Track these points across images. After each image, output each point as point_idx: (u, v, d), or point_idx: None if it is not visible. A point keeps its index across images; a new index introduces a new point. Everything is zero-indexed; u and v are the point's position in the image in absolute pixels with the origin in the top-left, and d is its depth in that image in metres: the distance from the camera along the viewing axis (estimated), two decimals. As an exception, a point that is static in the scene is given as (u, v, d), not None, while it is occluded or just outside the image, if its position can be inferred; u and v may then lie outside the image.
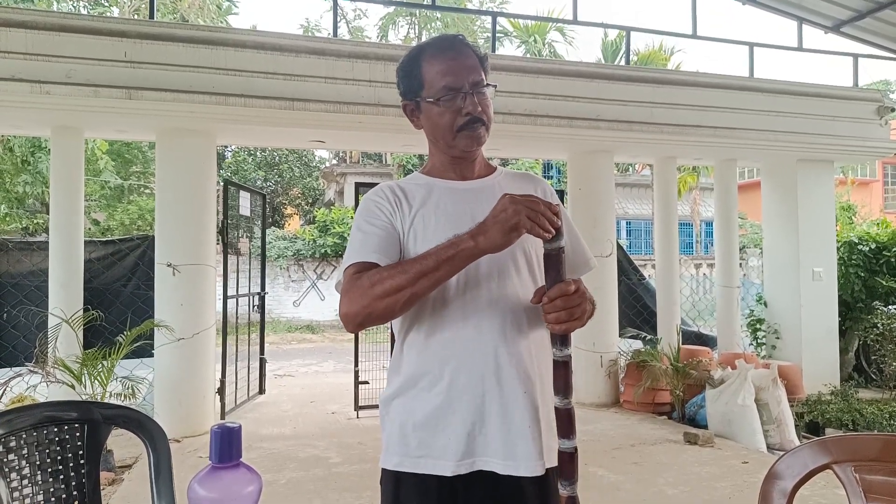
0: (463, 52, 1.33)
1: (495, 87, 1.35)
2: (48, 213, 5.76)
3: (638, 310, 7.13)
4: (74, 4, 12.02)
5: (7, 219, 11.80)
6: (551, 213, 1.11)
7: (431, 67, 1.32)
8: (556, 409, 1.16)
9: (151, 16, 5.42)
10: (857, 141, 6.64)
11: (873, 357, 7.42)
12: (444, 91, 1.30)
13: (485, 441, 1.23)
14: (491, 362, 1.24)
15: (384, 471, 1.30)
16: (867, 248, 7.36)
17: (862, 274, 7.27)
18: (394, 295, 1.15)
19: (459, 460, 1.22)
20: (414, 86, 1.34)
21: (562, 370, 1.16)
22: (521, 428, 1.23)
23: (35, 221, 12.15)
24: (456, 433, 1.22)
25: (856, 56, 7.28)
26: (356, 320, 1.20)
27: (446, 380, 1.24)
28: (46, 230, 6.68)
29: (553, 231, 1.10)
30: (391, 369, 1.34)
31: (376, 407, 1.40)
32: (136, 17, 11.89)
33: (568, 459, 1.14)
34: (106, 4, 12.88)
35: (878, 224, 8.44)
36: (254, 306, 6.68)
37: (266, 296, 6.99)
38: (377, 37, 19.27)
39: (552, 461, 1.26)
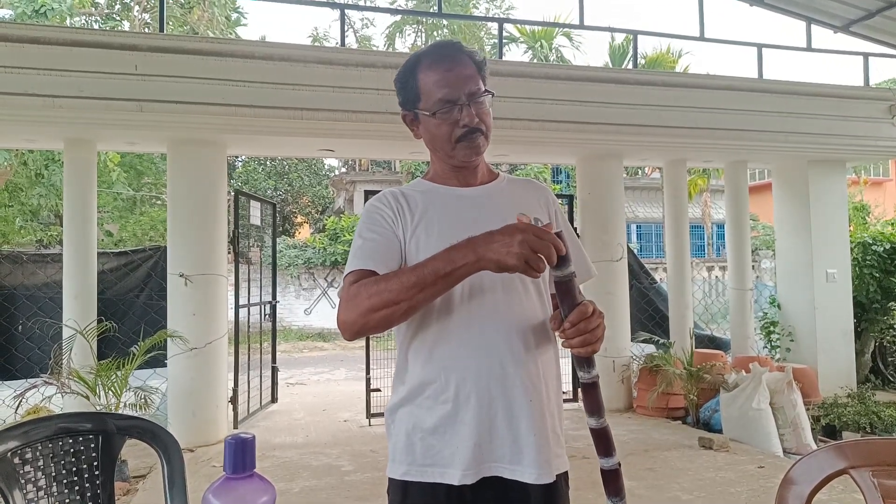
0: (459, 62, 1.30)
1: (493, 94, 1.33)
2: (62, 226, 5.82)
3: (650, 314, 7.09)
4: (86, 20, 12.18)
5: (22, 231, 11.94)
6: (555, 248, 1.04)
7: (427, 79, 1.30)
8: (591, 430, 1.16)
9: (161, 29, 5.48)
10: (868, 140, 6.59)
11: (890, 359, 7.33)
12: (441, 104, 1.28)
13: (491, 448, 1.23)
14: (497, 371, 1.23)
15: (391, 480, 1.29)
16: (881, 249, 7.27)
17: (877, 275, 7.19)
18: (391, 307, 1.14)
19: (467, 469, 1.22)
20: (411, 97, 1.33)
21: (591, 392, 1.15)
22: (527, 435, 1.24)
23: (49, 234, 12.29)
24: (464, 442, 1.22)
25: (866, 55, 7.22)
26: (353, 329, 1.18)
27: (453, 388, 1.23)
28: (60, 242, 6.76)
29: (542, 271, 1.07)
30: (396, 379, 1.34)
31: (387, 415, 1.40)
32: (146, 30, 12.03)
33: (613, 477, 1.15)
34: (117, 19, 13.05)
35: (892, 224, 8.36)
36: (265, 315, 6.71)
37: (277, 304, 7.02)
38: (384, 45, 19.36)
39: (560, 468, 1.28)
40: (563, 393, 5.59)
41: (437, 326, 1.25)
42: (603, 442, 1.15)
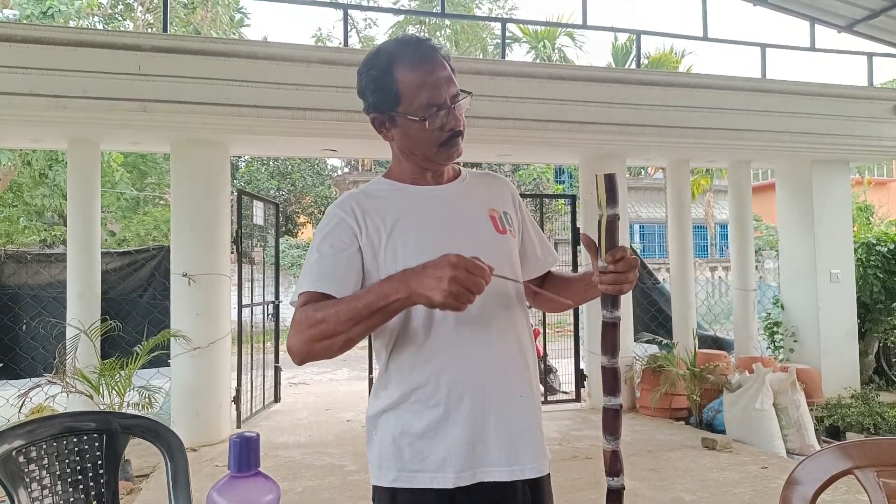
0: (438, 63, 1.26)
1: (471, 94, 1.30)
2: (65, 225, 5.84)
3: (653, 314, 7.08)
4: (90, 21, 12.21)
5: (26, 231, 11.98)
6: (483, 280, 1.06)
7: (409, 81, 1.24)
8: (603, 367, 1.17)
9: (165, 29, 5.50)
10: (872, 140, 6.57)
11: (894, 359, 7.30)
12: (427, 108, 1.23)
13: (486, 450, 1.22)
14: (488, 369, 1.23)
15: (377, 488, 1.26)
16: (885, 249, 7.25)
17: (880, 275, 7.17)
18: (329, 339, 1.14)
19: (460, 472, 1.20)
20: (388, 100, 1.26)
21: (610, 331, 1.17)
22: (521, 431, 1.24)
23: (53, 234, 12.32)
24: (456, 444, 1.20)
25: (870, 55, 7.20)
26: (299, 356, 1.18)
27: (444, 391, 1.21)
28: (64, 242, 6.78)
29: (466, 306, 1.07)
30: (377, 384, 1.30)
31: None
32: (149, 30, 12.05)
33: (613, 416, 1.17)
34: (120, 19, 13.08)
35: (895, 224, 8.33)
36: (268, 315, 6.72)
37: (280, 304, 7.03)
38: (387, 45, 19.32)
39: (548, 455, 1.30)
40: (566, 393, 5.60)
41: (424, 330, 1.22)
42: (611, 381, 1.17)
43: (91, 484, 1.48)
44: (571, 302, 1.36)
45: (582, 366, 6.36)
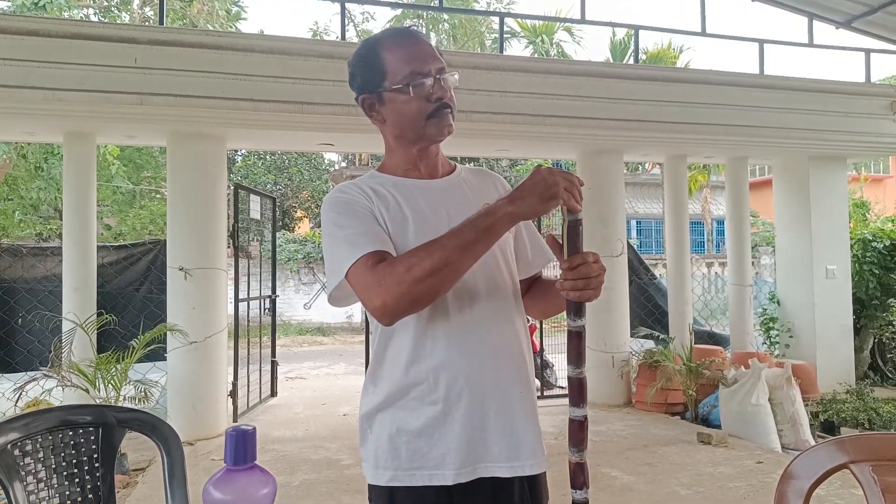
0: (422, 40, 1.28)
1: (457, 75, 1.29)
2: (61, 219, 5.82)
3: (649, 309, 7.10)
4: (84, 13, 12.13)
5: (21, 225, 11.94)
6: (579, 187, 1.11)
7: (393, 55, 1.25)
8: (568, 378, 1.14)
9: (161, 22, 5.46)
10: (870, 137, 6.58)
11: (889, 355, 7.34)
12: (411, 77, 1.23)
13: (486, 447, 1.21)
14: (487, 365, 1.22)
15: (374, 487, 1.25)
16: (881, 245, 7.27)
17: (876, 271, 7.19)
18: (436, 274, 1.08)
19: (460, 468, 1.19)
20: (375, 77, 1.26)
21: (575, 340, 1.13)
22: (523, 427, 1.23)
23: (48, 227, 12.28)
24: (456, 442, 1.19)
25: (868, 51, 7.20)
26: (396, 310, 1.12)
27: (442, 388, 1.20)
28: (60, 235, 6.76)
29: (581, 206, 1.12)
30: (368, 381, 1.28)
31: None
32: (146, 23, 11.98)
33: (577, 427, 1.13)
34: (116, 12, 13.00)
35: (892, 220, 8.36)
36: (265, 309, 6.71)
37: (277, 299, 7.02)
38: (385, 39, 19.23)
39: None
40: (562, 388, 5.62)
41: (422, 325, 1.21)
42: (577, 392, 1.14)
43: (87, 477, 1.47)
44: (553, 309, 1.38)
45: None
